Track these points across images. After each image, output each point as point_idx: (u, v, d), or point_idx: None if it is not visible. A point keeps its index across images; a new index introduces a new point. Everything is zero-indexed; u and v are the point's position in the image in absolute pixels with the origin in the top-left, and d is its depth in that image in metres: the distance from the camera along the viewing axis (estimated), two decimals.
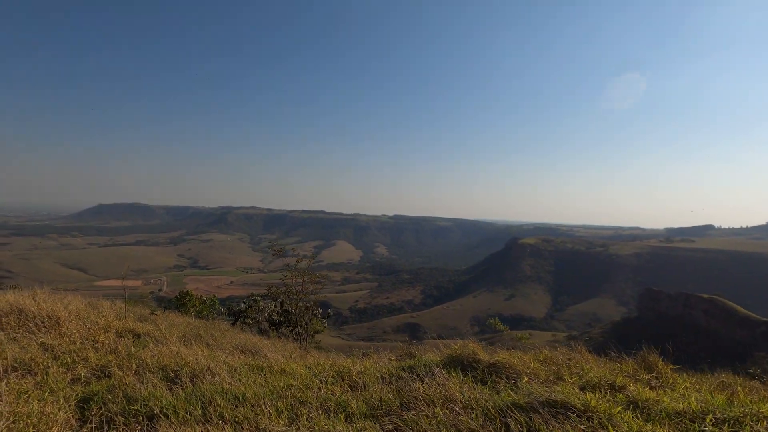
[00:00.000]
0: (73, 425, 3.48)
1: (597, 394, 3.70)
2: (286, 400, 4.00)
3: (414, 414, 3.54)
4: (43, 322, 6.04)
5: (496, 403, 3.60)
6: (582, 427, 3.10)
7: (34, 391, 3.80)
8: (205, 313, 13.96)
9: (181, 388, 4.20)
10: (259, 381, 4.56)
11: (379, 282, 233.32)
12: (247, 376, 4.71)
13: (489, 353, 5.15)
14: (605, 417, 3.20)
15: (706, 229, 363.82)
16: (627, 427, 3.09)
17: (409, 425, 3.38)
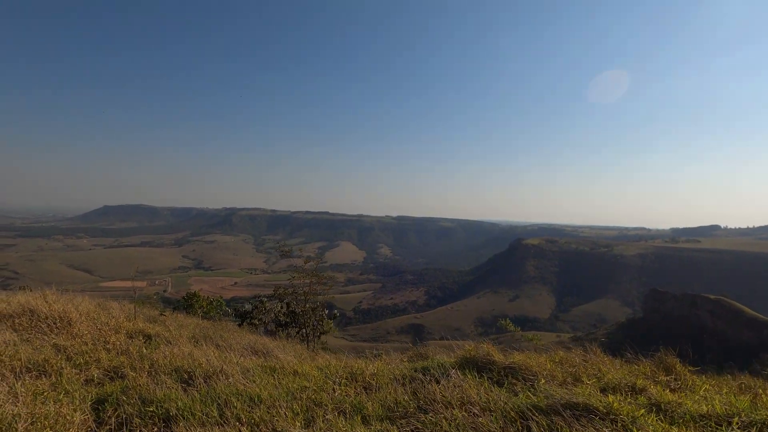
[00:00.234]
0: (90, 427, 3.46)
1: (618, 397, 3.64)
2: (301, 401, 3.97)
3: (432, 416, 3.49)
4: (55, 323, 6.05)
5: (515, 405, 3.55)
6: (606, 430, 3.05)
7: (49, 392, 3.78)
8: (212, 313, 13.98)
9: (196, 390, 4.17)
10: (273, 382, 4.53)
11: (383, 283, 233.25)
12: (260, 377, 4.69)
13: (504, 354, 5.09)
14: (629, 420, 3.15)
15: (712, 230, 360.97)
16: (652, 430, 3.04)
17: (428, 428, 3.33)
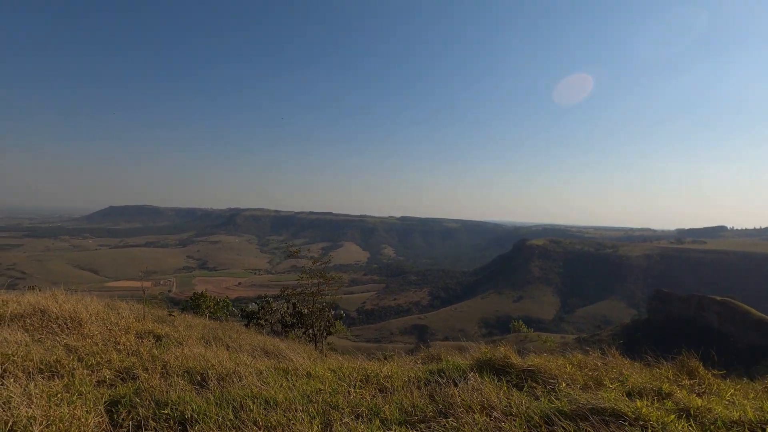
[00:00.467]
0: (105, 429, 3.39)
1: (645, 402, 3.52)
2: (317, 404, 3.89)
3: (454, 421, 3.40)
4: (65, 323, 6.00)
5: (539, 410, 3.45)
6: None
7: (63, 393, 3.72)
8: (219, 314, 13.97)
9: (210, 392, 4.10)
10: (287, 385, 4.45)
11: (387, 283, 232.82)
12: (274, 379, 4.61)
13: (521, 357, 4.98)
14: (659, 426, 3.04)
15: (718, 230, 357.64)
16: None
17: None
